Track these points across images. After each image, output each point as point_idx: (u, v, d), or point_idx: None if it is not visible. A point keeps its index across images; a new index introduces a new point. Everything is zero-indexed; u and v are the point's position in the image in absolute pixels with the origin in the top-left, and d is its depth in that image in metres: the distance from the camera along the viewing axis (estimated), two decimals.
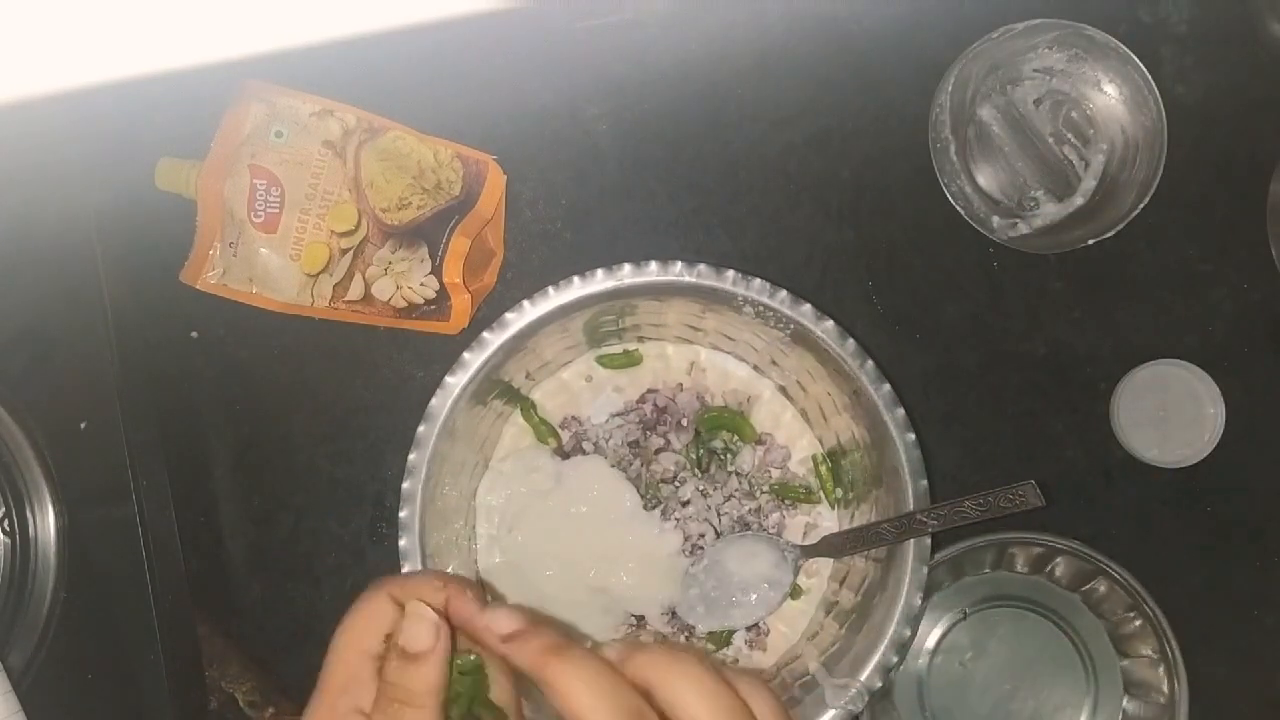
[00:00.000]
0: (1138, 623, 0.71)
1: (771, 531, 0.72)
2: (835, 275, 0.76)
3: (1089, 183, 0.74)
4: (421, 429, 0.66)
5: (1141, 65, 0.71)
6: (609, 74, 0.76)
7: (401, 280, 0.72)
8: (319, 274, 0.73)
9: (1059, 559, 0.72)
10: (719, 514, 0.72)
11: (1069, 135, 0.74)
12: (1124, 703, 0.73)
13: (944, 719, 0.73)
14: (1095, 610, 0.73)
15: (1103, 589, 0.72)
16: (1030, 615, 0.74)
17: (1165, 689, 0.70)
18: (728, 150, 0.76)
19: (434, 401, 0.66)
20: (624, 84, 0.76)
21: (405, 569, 0.65)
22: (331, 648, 0.46)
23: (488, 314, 0.74)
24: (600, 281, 0.65)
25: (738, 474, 0.73)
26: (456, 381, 0.66)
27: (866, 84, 0.75)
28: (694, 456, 0.72)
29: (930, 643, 0.74)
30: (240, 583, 0.76)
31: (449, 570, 0.68)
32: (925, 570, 0.64)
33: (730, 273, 0.65)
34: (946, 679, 0.74)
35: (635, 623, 0.72)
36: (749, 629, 0.72)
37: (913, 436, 0.65)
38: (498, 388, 0.69)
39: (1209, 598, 0.74)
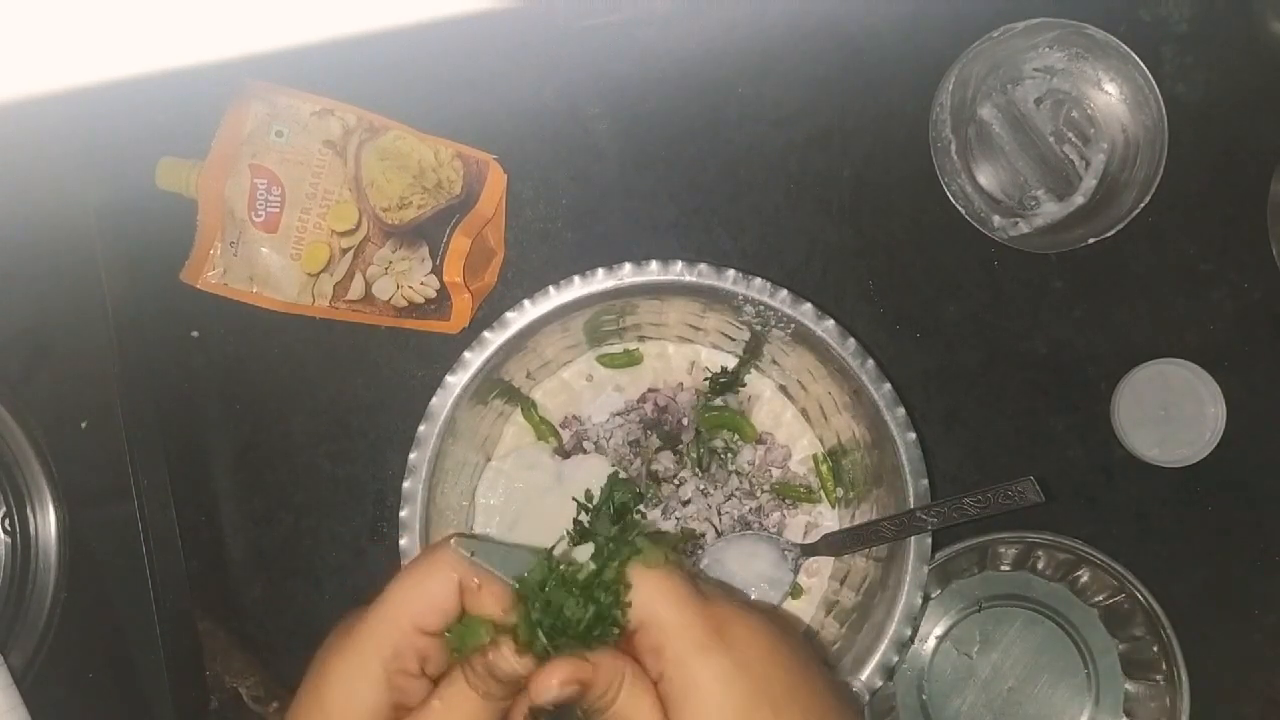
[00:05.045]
0: (1154, 648, 0.70)
1: (772, 531, 0.72)
2: (835, 275, 0.76)
3: (1089, 182, 0.74)
4: (422, 428, 0.65)
5: (1142, 64, 0.71)
6: (609, 74, 0.76)
7: (402, 280, 0.72)
8: (320, 273, 0.73)
9: (1083, 569, 0.71)
10: (719, 513, 0.72)
11: (1070, 134, 0.74)
12: (1125, 685, 0.73)
13: (939, 704, 0.73)
14: (1110, 629, 0.73)
15: (1126, 606, 0.71)
16: (1045, 621, 0.74)
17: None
18: (728, 150, 0.76)
19: (435, 401, 0.65)
20: (624, 84, 0.76)
21: None
22: (386, 600, 0.46)
23: (488, 313, 0.74)
24: (601, 281, 0.65)
25: (738, 473, 0.73)
26: (457, 381, 0.65)
27: (866, 84, 0.75)
28: (694, 456, 0.72)
29: (940, 629, 0.74)
30: (241, 582, 0.76)
31: None
32: (925, 569, 0.64)
33: (731, 272, 0.65)
34: (950, 666, 0.74)
35: None
36: None
37: (913, 436, 0.65)
38: (498, 387, 0.69)
39: (1209, 598, 0.74)
